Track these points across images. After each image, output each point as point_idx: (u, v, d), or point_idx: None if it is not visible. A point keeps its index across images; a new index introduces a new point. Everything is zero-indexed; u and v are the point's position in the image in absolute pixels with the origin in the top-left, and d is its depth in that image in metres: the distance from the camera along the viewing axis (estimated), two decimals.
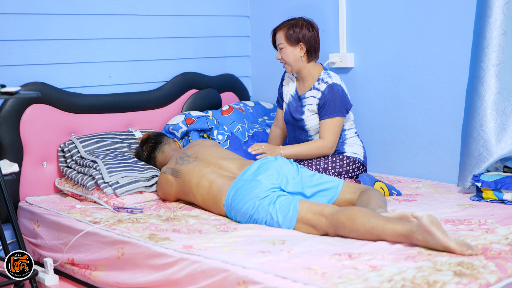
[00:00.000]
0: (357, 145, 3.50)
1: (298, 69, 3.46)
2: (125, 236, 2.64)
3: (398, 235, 2.33)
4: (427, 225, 2.24)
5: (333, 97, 3.36)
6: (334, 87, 3.37)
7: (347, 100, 3.42)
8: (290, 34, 3.40)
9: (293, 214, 2.65)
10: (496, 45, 3.02)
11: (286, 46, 3.42)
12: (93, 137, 3.47)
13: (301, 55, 3.41)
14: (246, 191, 2.82)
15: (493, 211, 2.83)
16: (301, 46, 3.40)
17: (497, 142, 3.05)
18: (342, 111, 3.38)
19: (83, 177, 3.27)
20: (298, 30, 3.39)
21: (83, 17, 3.58)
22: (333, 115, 3.36)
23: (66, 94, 3.47)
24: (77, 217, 2.96)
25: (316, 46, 3.43)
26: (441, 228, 2.25)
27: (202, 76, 4.10)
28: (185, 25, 4.05)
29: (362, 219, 2.42)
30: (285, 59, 3.44)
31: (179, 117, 3.82)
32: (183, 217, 2.92)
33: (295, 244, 2.45)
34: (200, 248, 2.43)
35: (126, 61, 3.79)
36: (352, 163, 3.42)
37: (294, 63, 3.43)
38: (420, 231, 2.26)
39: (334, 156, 3.41)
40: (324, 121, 3.38)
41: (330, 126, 3.37)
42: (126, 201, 3.18)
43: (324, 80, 3.40)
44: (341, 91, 3.39)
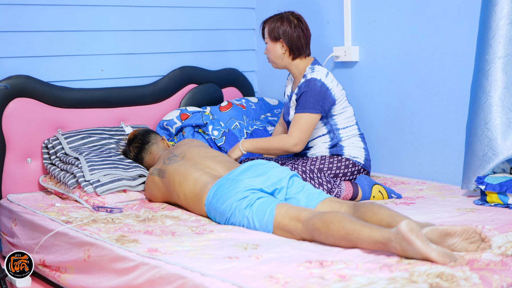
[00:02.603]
0: (357, 148, 3.23)
1: (284, 66, 3.26)
2: (93, 238, 2.49)
3: (375, 242, 2.12)
4: (405, 233, 2.02)
5: (307, 92, 3.12)
6: (311, 81, 3.12)
7: (326, 96, 3.12)
8: (271, 29, 3.21)
9: (269, 219, 2.47)
10: (502, 35, 2.78)
11: (269, 41, 3.24)
12: (79, 133, 3.33)
13: (282, 52, 3.20)
14: (226, 190, 2.65)
15: (494, 217, 2.60)
16: (282, 43, 3.20)
17: (503, 141, 2.81)
18: (315, 108, 3.09)
19: (65, 174, 3.14)
20: (279, 25, 3.19)
21: (73, 8, 3.45)
22: (303, 110, 3.10)
23: (53, 88, 3.34)
24: (51, 216, 2.83)
25: (299, 44, 3.19)
26: (422, 236, 2.03)
27: (202, 70, 3.93)
28: (184, 17, 3.89)
29: (337, 224, 2.22)
30: (268, 54, 3.27)
31: (174, 113, 3.66)
32: (161, 218, 2.77)
33: (269, 249, 2.27)
34: (165, 252, 2.27)
35: (120, 54, 3.65)
36: (352, 166, 3.19)
37: (275, 59, 3.24)
38: (398, 240, 2.04)
39: (332, 156, 3.19)
40: (294, 116, 3.15)
41: (297, 122, 3.11)
42: (108, 200, 3.04)
43: (305, 76, 3.18)
44: (319, 86, 3.11)
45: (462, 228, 2.13)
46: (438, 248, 2.03)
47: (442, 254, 2.00)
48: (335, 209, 2.53)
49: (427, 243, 2.02)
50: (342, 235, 2.20)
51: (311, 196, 2.64)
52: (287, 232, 2.43)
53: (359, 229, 2.17)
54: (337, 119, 3.22)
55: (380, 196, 3.03)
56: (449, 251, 2.04)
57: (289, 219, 2.42)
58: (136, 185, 3.14)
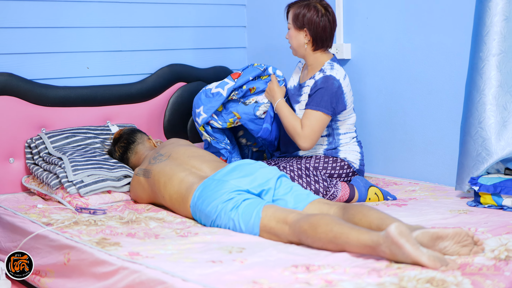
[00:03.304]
0: (354, 152, 3.14)
1: (302, 56, 3.13)
2: (73, 241, 2.41)
3: (364, 246, 2.04)
4: (395, 236, 1.94)
5: (324, 89, 2.99)
6: (330, 79, 3.01)
7: (340, 100, 3.02)
8: (295, 15, 3.05)
9: (255, 221, 2.38)
10: (496, 32, 2.70)
11: (292, 28, 3.09)
12: (63, 132, 3.24)
13: (305, 41, 3.06)
14: (211, 191, 2.57)
15: (488, 219, 2.52)
16: (305, 32, 3.05)
17: (497, 141, 2.73)
18: (327, 108, 2.99)
19: (48, 175, 3.05)
20: (305, 12, 3.02)
21: (58, 4, 3.35)
22: (316, 107, 2.99)
23: (36, 86, 3.25)
24: (32, 218, 2.74)
25: (324, 35, 3.05)
26: (412, 239, 1.95)
27: (191, 68, 3.84)
28: (173, 14, 3.80)
29: (325, 227, 2.13)
30: (289, 40, 3.12)
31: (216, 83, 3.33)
32: (145, 220, 2.68)
33: (254, 252, 2.19)
34: (147, 255, 2.19)
35: (107, 51, 3.56)
36: (347, 167, 3.10)
37: (297, 48, 3.10)
38: (388, 243, 1.96)
39: (327, 157, 3.11)
40: (306, 111, 3.03)
41: (309, 119, 2.99)
42: (91, 201, 2.95)
43: (324, 71, 3.06)
44: (337, 87, 3.00)
45: (454, 231, 2.05)
46: (429, 252, 1.95)
47: (433, 258, 1.93)
48: (324, 211, 2.45)
49: (418, 247, 1.94)
50: (329, 239, 2.12)
51: (299, 197, 2.56)
52: (273, 235, 2.35)
53: (347, 232, 2.09)
54: (340, 124, 3.13)
55: (376, 198, 2.95)
56: (440, 255, 1.96)
57: (275, 222, 2.34)
58: (121, 186, 3.06)
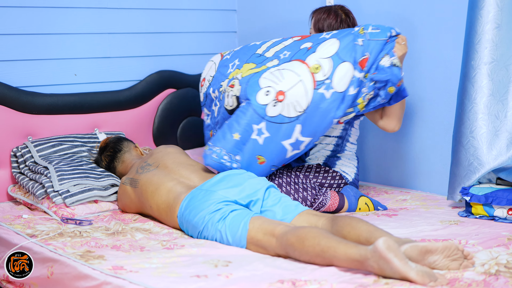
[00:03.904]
0: (351, 164, 3.08)
1: None
2: (56, 253, 2.36)
3: (351, 260, 2.00)
4: (382, 251, 1.90)
5: None
6: None
7: None
8: (317, 20, 3.01)
9: (242, 233, 2.34)
10: (488, 40, 2.67)
11: (313, 32, 3.04)
12: (50, 141, 3.19)
13: None
14: (199, 201, 2.53)
15: (479, 230, 2.48)
16: None
17: (488, 150, 2.69)
18: None
19: (34, 184, 3.00)
20: (325, 17, 2.99)
21: (44, 10, 3.29)
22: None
23: (22, 93, 3.20)
24: (17, 229, 2.69)
25: None
26: (400, 254, 1.91)
27: (181, 74, 3.80)
28: (162, 20, 3.76)
29: (312, 241, 2.09)
30: None
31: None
32: (131, 231, 2.64)
33: (241, 266, 2.15)
34: (131, 269, 2.14)
35: (94, 58, 3.51)
36: (339, 178, 3.04)
37: None
38: (375, 258, 1.92)
39: (320, 166, 3.04)
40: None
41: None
42: (78, 211, 2.90)
43: None
44: None
45: (443, 244, 2.01)
46: (418, 267, 1.91)
47: (421, 274, 1.89)
48: (312, 223, 2.41)
49: (406, 262, 1.90)
50: (317, 252, 2.08)
51: (287, 208, 2.52)
52: (261, 247, 2.31)
53: (335, 246, 2.05)
54: (353, 132, 3.08)
55: (366, 208, 2.90)
56: (429, 270, 1.92)
57: (263, 234, 2.30)
58: (108, 195, 3.01)
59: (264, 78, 2.72)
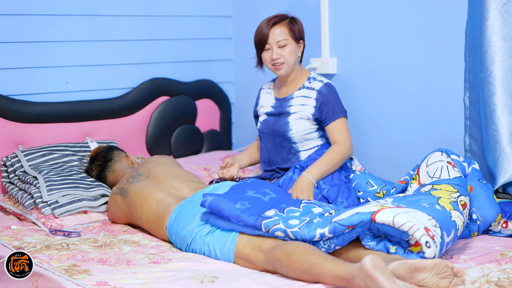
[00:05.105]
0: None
1: (292, 71, 2.98)
2: (41, 267, 2.32)
3: (338, 278, 1.96)
4: (369, 269, 1.86)
5: (334, 96, 2.93)
6: (331, 86, 2.96)
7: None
8: (294, 29, 2.94)
9: (230, 247, 2.30)
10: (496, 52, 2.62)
11: (291, 42, 2.93)
12: (40, 150, 3.16)
13: (299, 54, 2.99)
14: (187, 213, 2.50)
15: (472, 244, 2.44)
16: (301, 44, 2.98)
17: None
18: (343, 111, 2.94)
19: (23, 194, 2.97)
20: (300, 25, 2.97)
21: (35, 18, 3.26)
22: (339, 115, 2.91)
23: (13, 102, 3.16)
24: (4, 241, 2.66)
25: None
26: (387, 272, 1.87)
27: (174, 82, 3.76)
28: (155, 27, 3.72)
29: (299, 257, 2.05)
30: (286, 58, 2.91)
31: None
32: (119, 244, 2.60)
33: (226, 282, 2.11)
34: (115, 285, 2.11)
35: (86, 66, 3.47)
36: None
37: (294, 63, 2.94)
38: (362, 276, 1.88)
39: None
40: (332, 124, 2.91)
41: (341, 127, 2.91)
42: (67, 222, 2.87)
43: (317, 79, 2.98)
44: (335, 90, 2.98)
45: (432, 262, 1.97)
46: (405, 285, 1.87)
47: None
48: None
49: (393, 281, 1.86)
50: (304, 269, 2.04)
51: None
52: (248, 262, 2.27)
53: (322, 262, 2.01)
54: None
55: None
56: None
57: (250, 249, 2.26)
58: (98, 206, 2.97)
59: None
